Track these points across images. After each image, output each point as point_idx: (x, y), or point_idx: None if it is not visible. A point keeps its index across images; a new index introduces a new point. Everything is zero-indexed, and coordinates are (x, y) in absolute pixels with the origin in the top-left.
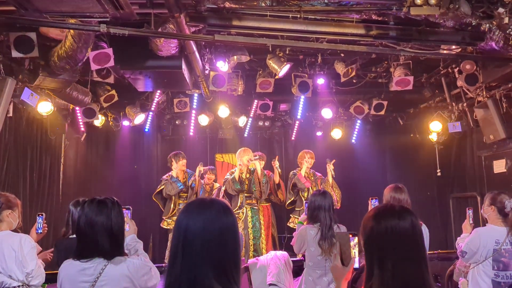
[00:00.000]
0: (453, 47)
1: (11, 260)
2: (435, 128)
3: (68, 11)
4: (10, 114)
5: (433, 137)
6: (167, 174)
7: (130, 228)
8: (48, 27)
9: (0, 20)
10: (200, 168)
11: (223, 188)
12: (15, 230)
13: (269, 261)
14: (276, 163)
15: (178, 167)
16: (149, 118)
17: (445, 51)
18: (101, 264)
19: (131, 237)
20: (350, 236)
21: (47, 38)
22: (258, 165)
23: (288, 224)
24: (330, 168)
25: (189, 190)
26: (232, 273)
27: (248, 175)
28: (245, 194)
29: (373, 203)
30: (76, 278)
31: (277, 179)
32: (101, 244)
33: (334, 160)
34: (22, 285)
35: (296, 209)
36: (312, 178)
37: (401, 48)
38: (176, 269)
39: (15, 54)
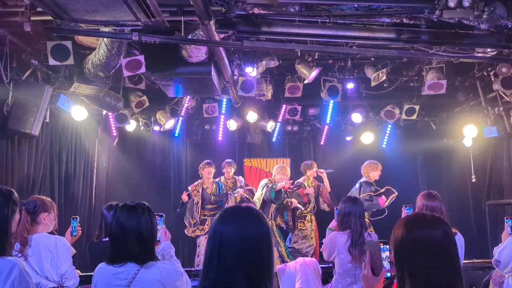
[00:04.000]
0: (488, 50)
1: (47, 261)
2: (469, 133)
3: (102, 20)
4: (47, 120)
5: (467, 142)
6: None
7: (165, 234)
8: (84, 36)
9: (39, 29)
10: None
11: (262, 192)
12: (51, 233)
13: (298, 268)
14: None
15: (204, 175)
16: (179, 123)
17: (479, 54)
18: (134, 269)
19: (166, 244)
20: (381, 244)
21: (81, 46)
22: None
23: None
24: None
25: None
26: (265, 279)
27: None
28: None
29: (406, 211)
30: (110, 281)
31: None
32: (131, 249)
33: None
34: (58, 287)
35: None
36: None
37: (434, 51)
38: (211, 274)
39: (51, 62)
